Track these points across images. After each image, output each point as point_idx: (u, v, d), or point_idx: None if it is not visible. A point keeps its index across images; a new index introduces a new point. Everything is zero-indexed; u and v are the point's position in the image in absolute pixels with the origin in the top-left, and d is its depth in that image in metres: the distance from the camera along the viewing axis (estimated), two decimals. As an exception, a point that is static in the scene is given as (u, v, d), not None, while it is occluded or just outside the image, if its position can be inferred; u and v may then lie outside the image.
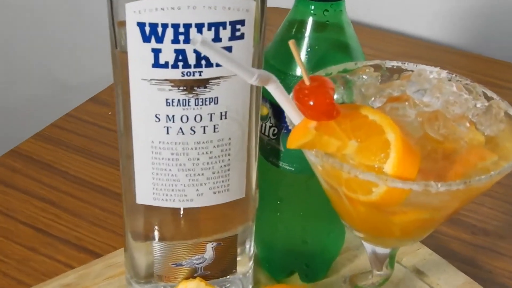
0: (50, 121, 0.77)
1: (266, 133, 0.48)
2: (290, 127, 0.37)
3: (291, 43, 0.35)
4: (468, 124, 0.38)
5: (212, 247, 0.47)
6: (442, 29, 1.03)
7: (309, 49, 0.44)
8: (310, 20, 0.44)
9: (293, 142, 0.36)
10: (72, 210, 0.64)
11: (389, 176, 0.34)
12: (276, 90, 0.36)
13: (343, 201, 0.38)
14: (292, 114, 0.37)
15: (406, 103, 0.38)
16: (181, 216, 0.46)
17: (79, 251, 0.59)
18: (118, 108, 0.43)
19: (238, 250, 0.50)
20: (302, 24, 0.45)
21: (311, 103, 0.35)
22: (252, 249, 0.51)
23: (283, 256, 0.54)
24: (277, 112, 0.46)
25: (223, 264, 0.49)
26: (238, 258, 0.50)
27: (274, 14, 0.49)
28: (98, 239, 0.60)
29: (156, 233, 0.47)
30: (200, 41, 0.32)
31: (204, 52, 0.34)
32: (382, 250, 0.42)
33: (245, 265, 0.51)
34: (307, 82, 0.35)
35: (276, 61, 0.45)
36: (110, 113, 0.79)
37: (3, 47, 1.30)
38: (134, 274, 0.50)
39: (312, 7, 0.44)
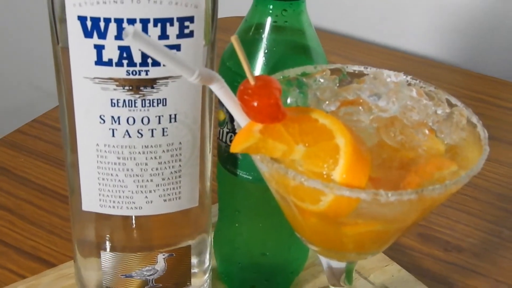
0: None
1: (224, 139, 0.46)
2: (237, 131, 0.35)
3: (234, 39, 0.32)
4: (427, 132, 0.36)
5: (164, 258, 0.45)
6: (431, 45, 1.01)
7: (266, 51, 0.42)
8: (268, 20, 0.42)
9: (236, 145, 0.33)
10: (29, 218, 0.61)
11: (337, 184, 0.32)
12: (220, 91, 0.34)
13: (293, 212, 0.36)
14: (238, 117, 0.34)
15: (360, 107, 0.36)
16: (131, 225, 0.44)
17: (33, 261, 0.57)
18: (62, 109, 0.41)
19: (194, 262, 0.47)
20: (260, 24, 0.42)
21: (255, 104, 0.32)
22: (208, 261, 0.48)
23: (242, 270, 0.51)
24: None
25: (176, 277, 0.46)
26: (194, 271, 0.48)
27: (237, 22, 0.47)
28: (54, 249, 0.58)
29: (105, 243, 0.45)
30: (132, 33, 0.30)
31: (138, 46, 0.31)
32: (337, 264, 0.40)
33: (200, 278, 0.48)
34: (251, 82, 0.33)
35: (232, 63, 0.43)
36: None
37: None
38: (83, 287, 0.47)
39: (271, 6, 0.42)
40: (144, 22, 0.36)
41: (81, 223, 0.44)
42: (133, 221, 0.44)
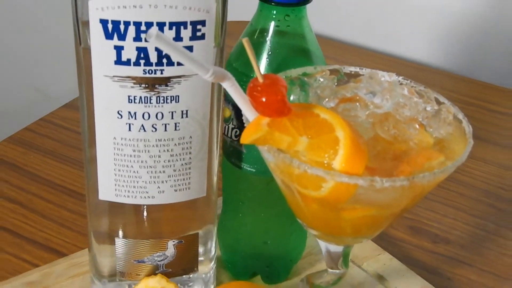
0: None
1: (229, 135, 0.49)
2: (245, 125, 0.39)
3: (245, 41, 0.36)
4: (417, 126, 0.40)
5: (174, 245, 0.48)
6: (424, 50, 1.05)
7: (270, 53, 0.46)
8: (272, 24, 0.46)
9: (246, 137, 0.37)
10: (40, 212, 0.64)
11: (337, 172, 0.35)
12: (231, 88, 0.37)
13: (296, 199, 0.40)
14: (247, 111, 0.38)
15: (357, 104, 0.39)
16: (143, 213, 0.47)
17: (46, 251, 0.60)
18: (82, 105, 0.44)
19: (200, 251, 0.51)
20: (264, 28, 0.46)
21: (263, 99, 0.36)
22: (213, 250, 0.52)
23: (245, 258, 0.55)
24: (239, 114, 0.48)
25: (185, 262, 0.50)
26: (200, 259, 0.51)
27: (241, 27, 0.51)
28: (65, 240, 0.61)
29: (119, 230, 0.48)
30: (155, 35, 0.33)
31: (159, 46, 0.35)
32: (335, 248, 0.43)
33: (206, 265, 0.52)
34: (260, 80, 0.36)
35: (238, 64, 0.47)
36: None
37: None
38: (97, 273, 0.50)
39: (274, 11, 0.45)
40: (160, 25, 0.40)
41: (97, 212, 0.48)
42: (146, 210, 0.47)
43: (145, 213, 0.47)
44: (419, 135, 0.39)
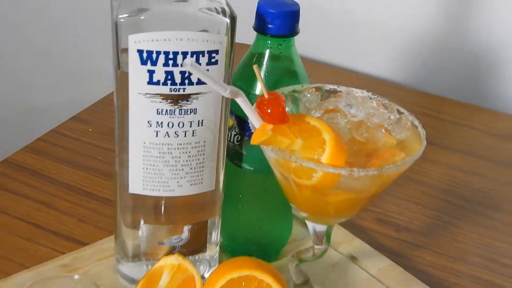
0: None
1: (232, 140, 0.60)
2: (252, 131, 0.50)
3: (255, 67, 0.48)
4: (384, 131, 0.52)
5: (188, 229, 0.59)
6: (392, 69, 1.18)
7: (266, 74, 0.58)
8: (267, 52, 0.58)
9: (255, 139, 0.48)
10: (61, 210, 0.75)
11: (324, 165, 0.47)
12: (242, 102, 0.49)
13: (292, 187, 0.51)
14: (254, 120, 0.49)
15: (338, 114, 0.51)
16: (164, 203, 0.58)
17: (68, 242, 0.70)
18: (118, 116, 0.55)
19: (208, 237, 0.62)
20: (261, 54, 0.58)
21: (269, 111, 0.47)
22: (218, 236, 0.63)
23: (242, 242, 0.66)
24: (241, 123, 0.59)
25: (196, 244, 0.61)
26: (208, 244, 0.62)
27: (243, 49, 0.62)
28: (86, 233, 0.71)
29: (144, 218, 0.59)
30: (190, 64, 0.45)
31: (192, 71, 0.46)
32: (320, 228, 0.55)
33: (213, 250, 0.63)
34: (266, 96, 0.48)
35: (241, 83, 0.58)
36: (90, 130, 0.90)
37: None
38: (124, 255, 0.61)
39: (269, 42, 0.57)
40: (184, 54, 0.51)
41: (126, 204, 0.58)
42: (166, 201, 0.58)
43: (165, 204, 0.58)
44: (385, 138, 0.51)
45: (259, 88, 0.58)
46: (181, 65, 0.51)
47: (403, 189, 0.84)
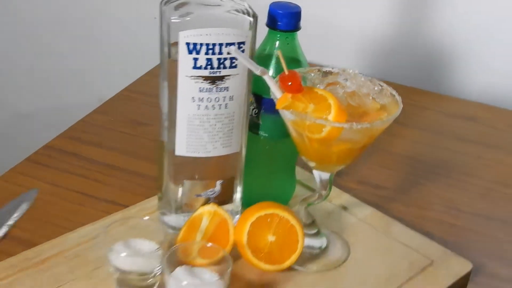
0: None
1: (251, 113, 0.78)
2: (274, 100, 0.67)
3: (279, 52, 0.65)
4: (371, 98, 0.70)
5: (220, 183, 0.76)
6: (359, 63, 1.36)
7: (277, 60, 0.75)
8: (277, 43, 0.75)
9: (280, 105, 0.66)
10: (102, 181, 0.91)
11: (331, 121, 0.65)
12: (268, 78, 0.66)
13: (304, 142, 0.68)
14: (276, 91, 0.67)
15: (338, 86, 0.69)
16: (203, 163, 0.75)
17: (113, 205, 0.85)
18: (164, 95, 0.72)
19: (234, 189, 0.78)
20: (272, 45, 0.75)
21: (289, 83, 0.65)
22: (241, 190, 0.80)
23: (257, 197, 0.83)
24: (258, 100, 0.76)
25: (225, 196, 0.78)
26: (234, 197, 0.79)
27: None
28: (124, 197, 0.87)
29: (186, 175, 0.75)
30: (234, 50, 0.62)
31: (235, 55, 0.64)
32: (325, 176, 0.72)
33: (236, 201, 0.80)
34: (286, 72, 0.65)
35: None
36: (112, 119, 1.06)
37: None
38: (168, 207, 0.77)
39: (278, 35, 0.75)
40: (220, 45, 0.68)
41: (173, 164, 0.75)
42: (204, 161, 0.75)
43: (203, 163, 0.75)
44: (372, 103, 0.69)
45: (271, 72, 0.75)
46: (219, 53, 0.68)
47: (377, 158, 1.03)
